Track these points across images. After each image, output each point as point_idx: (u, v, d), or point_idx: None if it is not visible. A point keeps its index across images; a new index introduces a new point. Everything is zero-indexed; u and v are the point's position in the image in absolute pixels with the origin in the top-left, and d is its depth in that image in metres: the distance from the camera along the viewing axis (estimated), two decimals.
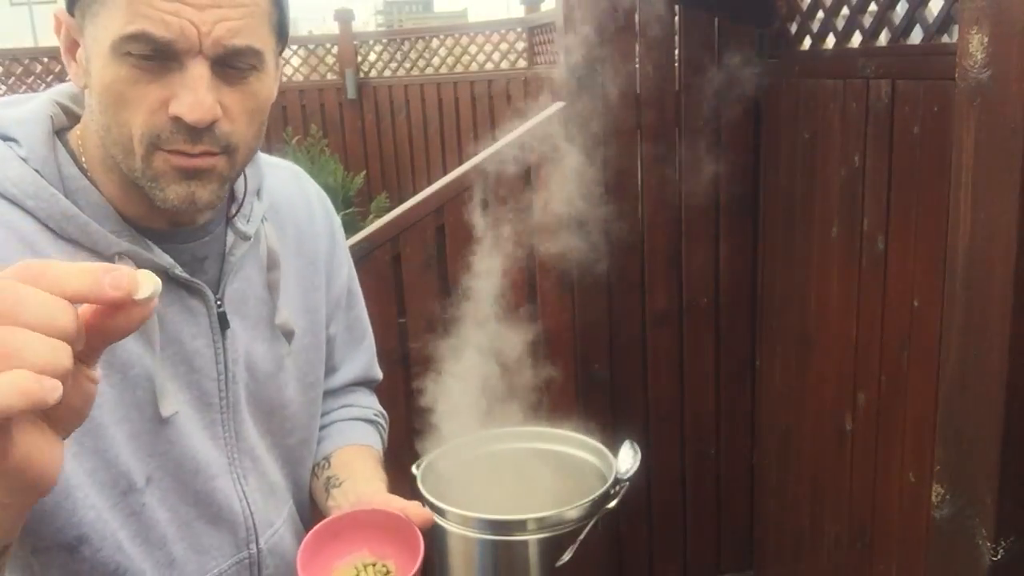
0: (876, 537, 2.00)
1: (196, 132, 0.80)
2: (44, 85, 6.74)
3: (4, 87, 6.64)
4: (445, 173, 2.57)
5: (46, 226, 0.84)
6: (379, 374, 1.36)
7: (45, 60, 6.86)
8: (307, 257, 1.09)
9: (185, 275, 0.91)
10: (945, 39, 1.66)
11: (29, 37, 22.95)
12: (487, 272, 2.40)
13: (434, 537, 2.02)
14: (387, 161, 7.30)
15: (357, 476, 1.24)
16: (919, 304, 1.76)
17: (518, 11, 7.19)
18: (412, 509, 1.09)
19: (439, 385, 2.40)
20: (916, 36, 1.76)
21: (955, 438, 1.08)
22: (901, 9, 1.80)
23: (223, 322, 0.95)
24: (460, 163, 2.50)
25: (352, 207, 6.27)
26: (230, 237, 0.97)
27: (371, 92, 7.23)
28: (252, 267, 1.00)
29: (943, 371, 1.10)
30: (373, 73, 7.39)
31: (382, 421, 1.43)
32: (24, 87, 6.70)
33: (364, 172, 7.05)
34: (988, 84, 0.97)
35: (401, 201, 2.79)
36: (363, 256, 2.31)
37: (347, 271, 1.19)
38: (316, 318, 1.10)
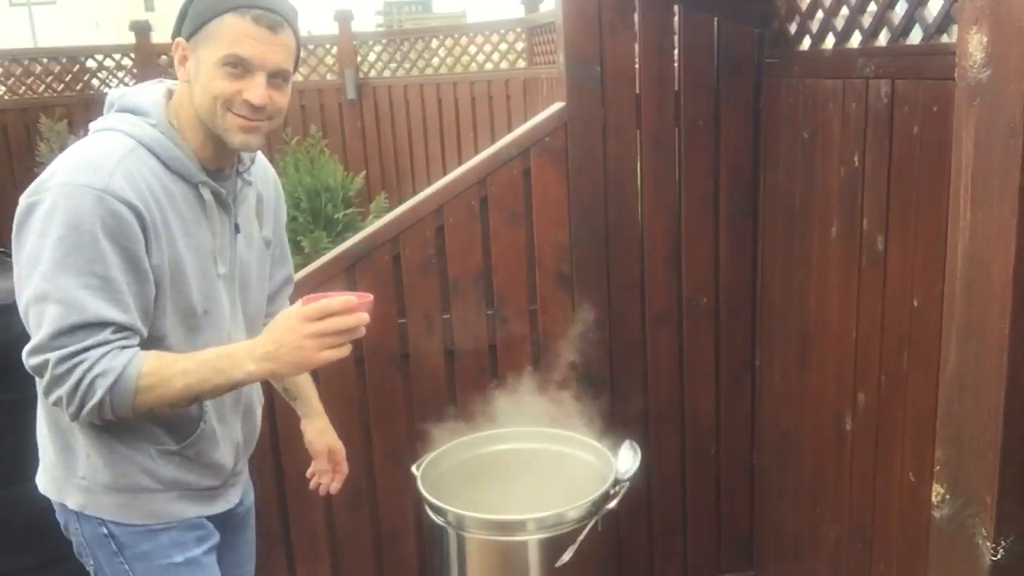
0: (876, 537, 2.00)
1: (255, 109, 1.45)
2: (43, 86, 6.74)
3: (4, 87, 6.64)
4: (445, 173, 2.57)
5: (165, 164, 1.46)
6: (293, 279, 1.90)
7: (45, 60, 6.86)
8: (269, 202, 1.72)
9: (227, 198, 1.56)
10: (945, 39, 1.66)
11: (29, 37, 22.94)
12: (487, 272, 2.40)
13: (434, 537, 2.03)
14: (387, 161, 7.30)
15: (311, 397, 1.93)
16: (919, 304, 1.76)
17: (518, 11, 7.19)
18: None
19: (439, 385, 2.41)
20: (916, 36, 1.76)
21: (955, 438, 1.08)
22: (900, 9, 1.80)
23: (236, 229, 1.59)
24: (460, 163, 2.50)
25: (352, 207, 6.26)
26: (239, 182, 1.60)
27: (371, 92, 7.23)
28: (249, 201, 1.64)
29: (943, 371, 1.10)
30: (373, 73, 7.39)
31: None
32: (24, 87, 6.70)
33: (364, 172, 7.04)
34: (988, 84, 0.97)
35: (401, 201, 2.79)
36: (363, 256, 2.31)
37: (283, 215, 1.81)
38: (273, 239, 1.73)
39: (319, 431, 1.90)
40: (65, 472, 1.54)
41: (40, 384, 1.41)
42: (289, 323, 1.38)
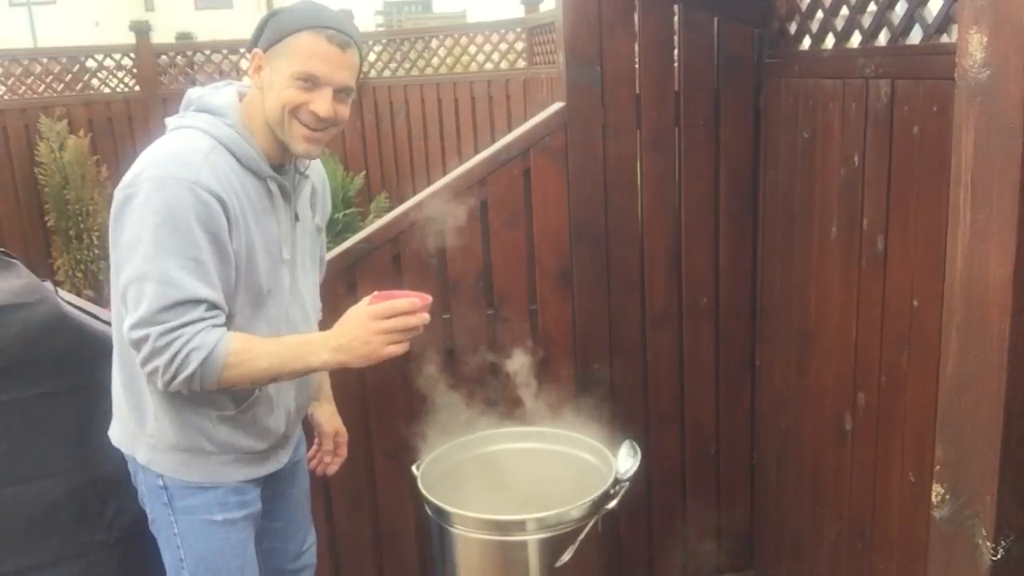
0: (876, 537, 2.00)
1: (319, 120, 1.61)
2: (43, 86, 6.74)
3: (4, 87, 6.64)
4: (445, 173, 2.57)
5: (239, 160, 1.62)
6: (326, 261, 2.08)
7: (44, 60, 6.86)
8: (320, 194, 1.89)
9: (289, 190, 1.72)
10: (944, 39, 1.66)
11: (29, 37, 22.94)
12: (487, 272, 2.40)
13: (434, 537, 2.03)
14: (387, 161, 7.30)
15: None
16: (919, 304, 1.76)
17: (518, 11, 7.19)
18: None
19: (439, 385, 2.40)
20: (916, 36, 1.76)
21: (955, 438, 1.08)
22: (900, 9, 1.80)
23: (296, 218, 1.75)
24: (460, 163, 2.50)
25: (352, 207, 6.26)
26: (297, 176, 1.76)
27: (371, 92, 7.23)
28: (305, 194, 1.80)
29: (943, 371, 1.10)
30: (373, 73, 7.39)
31: None
32: (24, 87, 6.70)
33: (364, 172, 7.05)
34: (988, 84, 0.97)
35: (401, 201, 2.79)
36: (363, 256, 2.31)
37: (329, 205, 1.96)
38: (321, 226, 1.91)
39: (330, 415, 2.06)
40: (136, 430, 1.71)
41: (138, 355, 1.55)
42: (359, 319, 1.60)
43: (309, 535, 2.06)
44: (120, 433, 1.77)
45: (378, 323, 1.58)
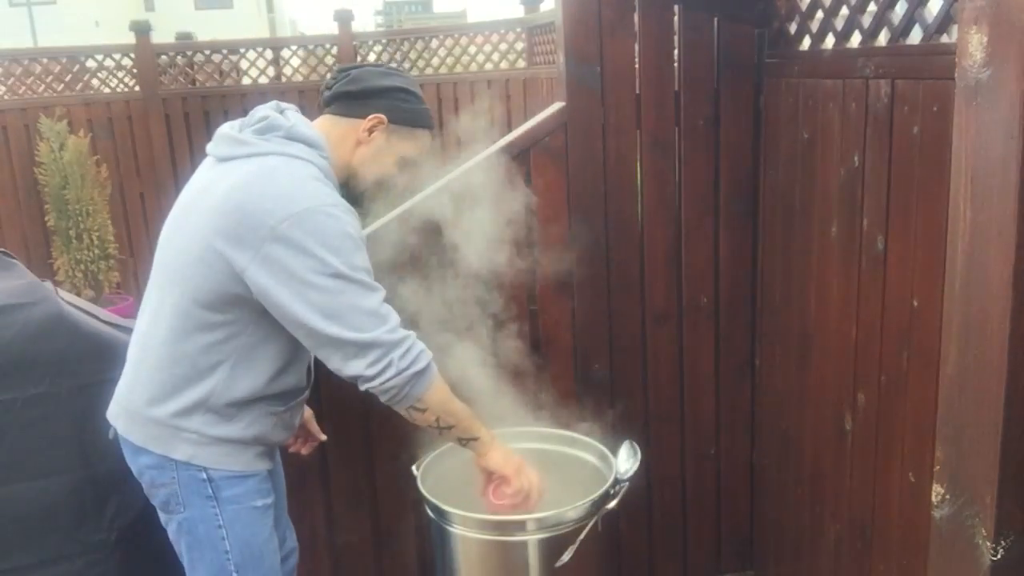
0: (876, 537, 2.00)
1: (391, 189, 1.91)
2: (43, 86, 6.73)
3: (4, 87, 6.64)
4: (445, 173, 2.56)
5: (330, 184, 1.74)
6: None
7: (44, 60, 6.85)
8: None
9: None
10: (944, 39, 1.66)
11: (29, 37, 22.94)
12: (487, 272, 2.40)
13: (434, 537, 2.03)
14: None
15: None
16: (919, 304, 1.76)
17: (518, 11, 7.19)
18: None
19: None
20: (915, 36, 1.76)
21: (955, 438, 1.08)
22: (900, 9, 1.80)
23: None
24: (460, 163, 2.49)
25: None
26: None
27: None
28: None
29: (943, 371, 1.10)
30: None
31: None
32: (24, 87, 6.70)
33: None
34: (988, 84, 0.97)
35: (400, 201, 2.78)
36: None
37: None
38: None
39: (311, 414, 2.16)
40: (175, 429, 1.72)
41: (368, 354, 1.64)
42: (526, 472, 1.93)
43: (291, 534, 2.11)
44: (144, 433, 1.76)
45: (536, 492, 1.91)
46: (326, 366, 1.72)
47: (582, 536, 1.87)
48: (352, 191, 1.84)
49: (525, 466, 1.91)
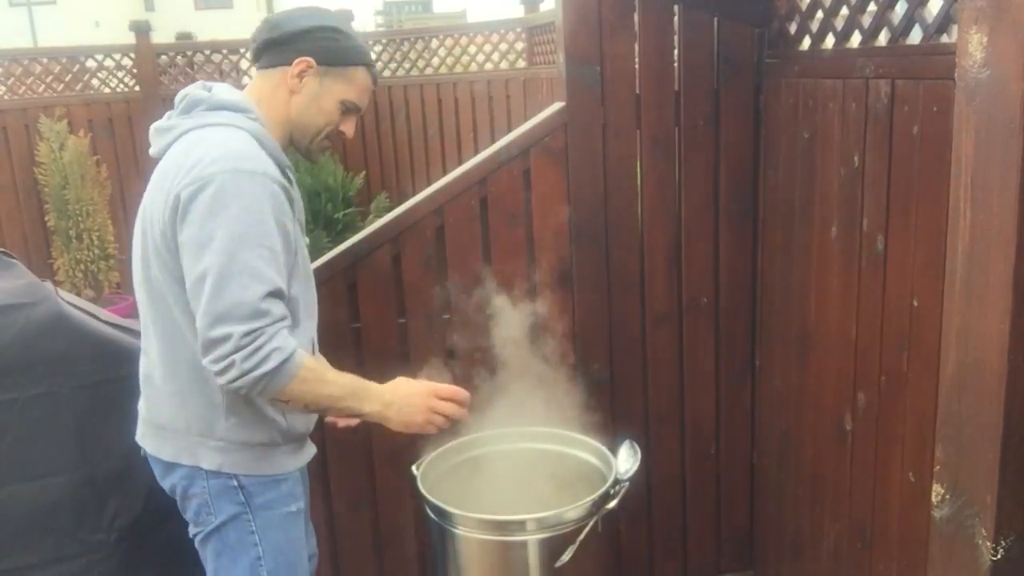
0: (876, 537, 2.00)
1: (340, 138, 1.80)
2: (43, 86, 6.73)
3: (4, 87, 6.63)
4: (445, 173, 2.57)
5: (266, 150, 1.63)
6: None
7: (44, 60, 6.85)
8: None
9: (293, 179, 1.75)
10: (944, 39, 1.66)
11: (29, 37, 22.93)
12: (486, 272, 2.40)
13: (434, 537, 2.03)
14: (387, 161, 7.29)
15: None
16: (919, 304, 1.76)
17: (518, 11, 7.19)
18: None
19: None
20: (916, 36, 1.76)
21: (955, 438, 1.08)
22: (900, 9, 1.80)
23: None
24: (460, 163, 2.50)
25: (352, 207, 6.26)
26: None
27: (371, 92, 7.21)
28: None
29: (943, 371, 1.10)
30: None
31: None
32: (24, 87, 6.70)
33: (364, 172, 7.04)
34: (988, 84, 0.97)
35: (401, 201, 2.79)
36: (363, 256, 2.31)
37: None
38: None
39: None
40: (200, 438, 1.68)
41: (212, 351, 1.53)
42: (420, 389, 1.74)
43: (313, 539, 2.06)
44: (176, 447, 1.71)
45: (435, 401, 1.73)
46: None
47: (582, 536, 1.87)
48: (299, 145, 1.77)
49: (425, 408, 1.72)
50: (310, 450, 1.87)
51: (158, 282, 1.64)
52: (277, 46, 1.70)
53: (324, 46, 1.69)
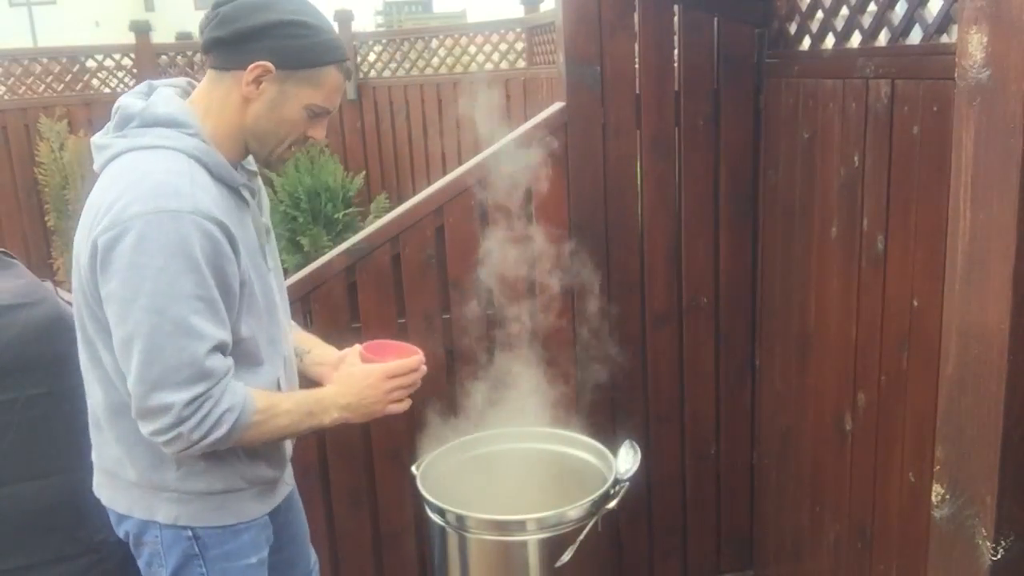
0: (876, 537, 2.00)
1: (310, 143, 1.56)
2: (43, 86, 6.73)
3: (4, 87, 6.64)
4: (445, 173, 2.57)
5: (210, 172, 1.44)
6: None
7: (44, 60, 6.85)
8: (261, 191, 1.68)
9: (255, 191, 1.61)
10: (944, 39, 1.67)
11: (29, 37, 22.94)
12: (486, 272, 2.40)
13: (434, 537, 2.03)
14: (387, 161, 7.30)
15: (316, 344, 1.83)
16: (919, 304, 1.76)
17: (518, 11, 7.19)
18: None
19: (439, 385, 2.40)
20: (916, 36, 1.76)
21: (955, 438, 1.08)
22: (900, 9, 1.80)
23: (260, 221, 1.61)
24: (460, 163, 2.49)
25: (352, 207, 6.26)
26: (249, 176, 1.61)
27: (371, 92, 7.23)
28: (260, 193, 1.65)
29: (943, 371, 1.10)
30: (373, 73, 7.39)
31: None
32: (24, 87, 6.70)
33: (364, 172, 7.04)
34: (988, 84, 0.97)
35: (401, 201, 2.79)
36: (363, 256, 2.31)
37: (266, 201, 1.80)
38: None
39: (339, 359, 1.79)
40: (152, 490, 1.53)
41: (152, 424, 1.39)
42: (371, 379, 1.62)
43: (311, 555, 1.98)
44: (127, 499, 1.57)
45: (390, 382, 1.62)
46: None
47: (582, 536, 1.87)
48: (257, 157, 1.56)
49: (375, 396, 1.62)
50: (283, 490, 1.72)
51: (88, 328, 1.50)
52: (228, 46, 1.44)
53: (284, 45, 1.43)
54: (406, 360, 1.65)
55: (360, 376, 1.62)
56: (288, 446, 1.71)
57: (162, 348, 1.35)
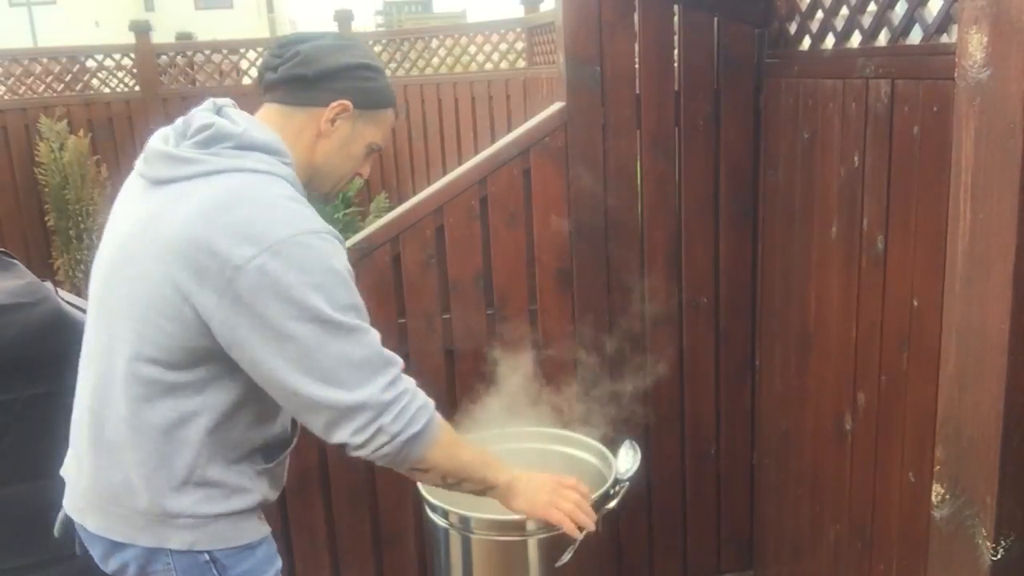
0: (876, 537, 2.00)
1: (352, 180, 1.65)
2: (43, 86, 6.73)
3: (4, 87, 6.64)
4: (445, 173, 2.57)
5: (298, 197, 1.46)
6: None
7: (44, 60, 6.86)
8: None
9: None
10: (944, 39, 1.66)
11: (29, 37, 22.95)
12: (487, 272, 2.40)
13: (434, 537, 2.03)
14: (387, 161, 7.30)
15: None
16: (919, 304, 1.76)
17: (518, 11, 7.19)
18: None
19: (439, 385, 2.40)
20: (916, 36, 1.76)
21: (955, 438, 1.08)
22: (900, 9, 1.80)
23: None
24: (460, 163, 2.50)
25: (352, 207, 6.26)
26: None
27: None
28: None
29: (943, 371, 1.10)
30: None
31: None
32: (24, 87, 6.70)
33: None
34: (988, 84, 0.97)
35: (401, 201, 2.79)
36: (363, 256, 2.31)
37: None
38: None
39: None
40: (163, 517, 1.48)
41: (353, 421, 1.39)
42: (557, 478, 1.72)
43: None
44: (127, 526, 1.50)
45: (569, 492, 1.69)
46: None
47: (582, 536, 1.87)
48: (319, 191, 1.60)
49: (552, 488, 1.68)
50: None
51: (146, 327, 1.40)
52: (309, 83, 1.49)
53: (360, 87, 1.52)
54: (585, 487, 1.75)
55: (546, 474, 1.73)
56: (284, 474, 1.68)
57: (341, 350, 1.37)
